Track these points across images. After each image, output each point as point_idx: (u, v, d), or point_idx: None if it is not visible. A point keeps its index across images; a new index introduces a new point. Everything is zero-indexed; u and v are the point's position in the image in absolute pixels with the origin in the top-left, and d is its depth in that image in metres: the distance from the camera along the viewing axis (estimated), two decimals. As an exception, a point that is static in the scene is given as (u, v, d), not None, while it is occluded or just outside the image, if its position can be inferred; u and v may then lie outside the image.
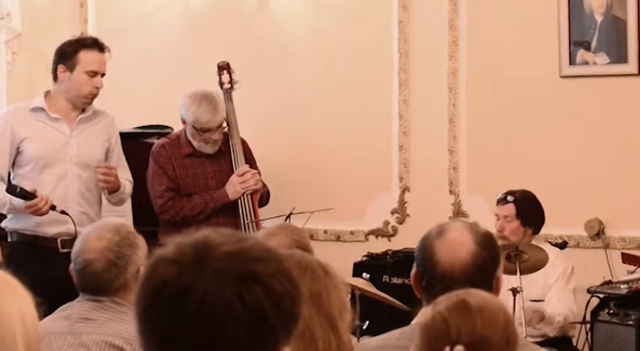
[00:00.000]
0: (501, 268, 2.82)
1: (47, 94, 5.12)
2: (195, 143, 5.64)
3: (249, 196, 5.68)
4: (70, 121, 5.07)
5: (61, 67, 5.04)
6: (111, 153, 5.22)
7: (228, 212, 5.66)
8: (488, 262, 2.74)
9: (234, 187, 5.65)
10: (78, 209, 5.01)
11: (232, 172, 5.71)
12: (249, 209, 5.68)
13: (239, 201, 5.67)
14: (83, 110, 5.12)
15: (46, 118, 5.04)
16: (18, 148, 5.00)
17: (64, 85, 5.05)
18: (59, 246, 4.94)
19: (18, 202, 4.91)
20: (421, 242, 2.79)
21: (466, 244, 2.72)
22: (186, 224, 5.44)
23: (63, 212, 4.91)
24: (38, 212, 4.89)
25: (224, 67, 5.99)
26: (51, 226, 4.97)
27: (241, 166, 5.72)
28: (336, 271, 2.43)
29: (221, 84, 5.97)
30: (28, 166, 5.01)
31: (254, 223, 5.65)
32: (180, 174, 5.64)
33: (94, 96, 5.11)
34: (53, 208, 4.89)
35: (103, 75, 5.11)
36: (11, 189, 4.91)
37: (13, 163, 5.05)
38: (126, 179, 5.25)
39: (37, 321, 1.66)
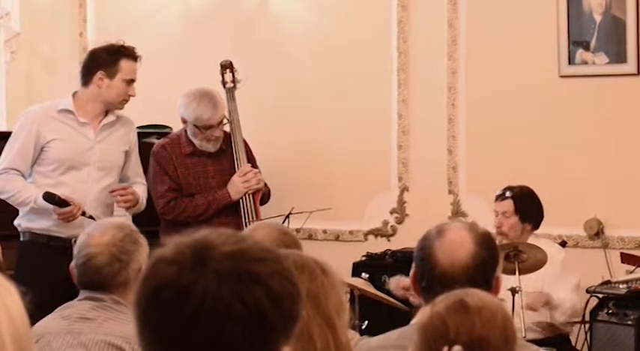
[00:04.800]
0: (500, 267, 2.82)
1: (74, 95, 5.12)
2: (196, 142, 5.64)
3: (250, 196, 5.68)
4: (94, 125, 5.10)
5: (100, 74, 5.06)
6: (129, 158, 5.25)
7: (230, 212, 5.66)
8: (487, 261, 2.74)
9: (236, 187, 5.65)
10: (93, 214, 5.02)
11: (234, 170, 5.71)
12: (251, 209, 5.68)
13: (241, 200, 5.67)
14: (106, 114, 5.14)
15: (75, 121, 5.06)
16: (42, 148, 5.01)
17: (99, 90, 5.07)
18: (73, 247, 4.95)
19: (47, 205, 4.92)
20: (420, 242, 2.78)
21: (465, 244, 2.72)
22: (188, 224, 5.45)
23: (91, 217, 4.94)
24: (70, 219, 4.93)
25: (227, 66, 5.99)
26: (66, 228, 4.98)
27: (243, 166, 5.72)
28: (333, 269, 2.42)
29: (224, 83, 5.96)
30: (50, 166, 5.02)
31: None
32: (181, 173, 5.64)
33: (127, 102, 5.17)
34: (83, 213, 4.95)
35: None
36: (49, 196, 4.91)
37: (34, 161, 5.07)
38: (140, 183, 5.30)
39: (25, 317, 1.65)
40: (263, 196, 5.80)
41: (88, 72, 5.11)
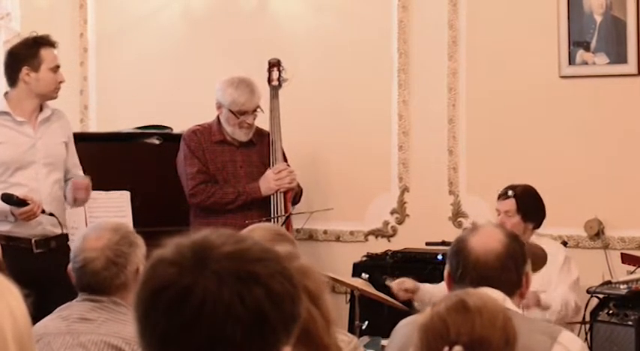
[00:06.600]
0: (529, 265, 3.03)
1: (6, 95, 5.11)
2: (229, 129, 5.72)
3: (282, 194, 5.73)
4: (32, 122, 5.09)
5: (25, 70, 5.05)
6: (68, 150, 5.22)
7: (260, 206, 5.70)
8: (518, 252, 2.99)
9: (267, 184, 5.71)
10: (48, 210, 5.00)
11: (262, 164, 5.77)
12: (281, 207, 5.72)
13: (272, 197, 5.72)
14: (41, 110, 5.12)
15: (12, 122, 5.04)
16: None
17: (30, 86, 5.06)
18: (33, 247, 4.96)
19: (3, 208, 4.90)
20: (454, 242, 3.04)
21: (497, 236, 2.99)
22: (216, 212, 5.56)
23: (51, 214, 4.94)
24: (32, 217, 4.92)
25: (274, 64, 6.08)
26: (24, 228, 4.97)
27: (279, 164, 5.78)
28: (308, 263, 2.31)
29: (269, 80, 6.05)
30: None
31: (283, 220, 5.67)
32: (210, 159, 5.73)
33: (59, 90, 5.15)
34: (43, 211, 4.94)
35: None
36: (7, 197, 4.91)
37: None
38: (80, 175, 5.24)
39: (27, 318, 1.66)
40: (295, 196, 5.86)
41: (12, 71, 5.10)
